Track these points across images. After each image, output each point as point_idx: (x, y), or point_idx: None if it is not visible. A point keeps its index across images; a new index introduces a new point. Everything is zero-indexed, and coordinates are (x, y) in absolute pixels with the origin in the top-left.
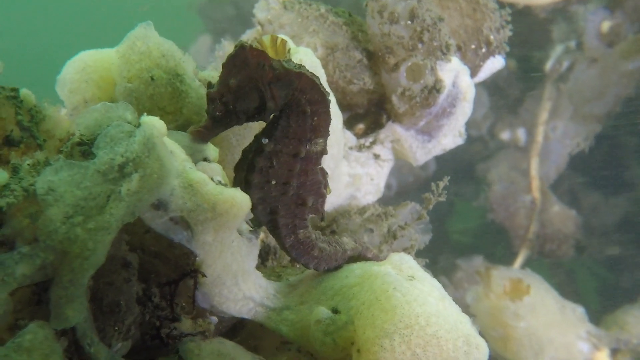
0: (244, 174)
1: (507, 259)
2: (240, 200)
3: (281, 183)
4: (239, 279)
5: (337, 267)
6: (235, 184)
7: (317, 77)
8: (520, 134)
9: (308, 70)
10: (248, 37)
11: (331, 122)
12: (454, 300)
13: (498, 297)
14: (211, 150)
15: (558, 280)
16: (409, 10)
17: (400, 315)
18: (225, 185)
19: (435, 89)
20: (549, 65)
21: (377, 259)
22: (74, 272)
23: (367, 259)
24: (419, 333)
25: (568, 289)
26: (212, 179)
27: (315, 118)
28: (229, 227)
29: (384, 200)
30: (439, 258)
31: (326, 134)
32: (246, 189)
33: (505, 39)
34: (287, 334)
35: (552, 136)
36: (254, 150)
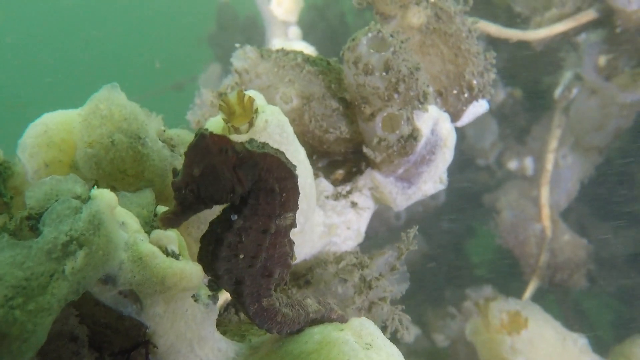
0: (211, 247)
1: (517, 289)
2: (189, 272)
3: (249, 257)
4: (194, 346)
5: (300, 330)
6: (201, 254)
7: (282, 153)
8: (528, 162)
9: (272, 148)
10: (226, 85)
11: (300, 177)
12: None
13: (495, 330)
14: None
15: (569, 310)
16: (384, 62)
17: None
18: (178, 255)
19: (412, 137)
20: (557, 92)
21: (342, 319)
22: (13, 355)
23: (331, 321)
24: None
25: (579, 319)
26: (165, 249)
27: (284, 194)
28: (180, 298)
29: (393, 229)
30: (447, 288)
31: (295, 207)
32: (212, 261)
33: (489, 83)
34: None
35: (562, 164)
36: (221, 225)
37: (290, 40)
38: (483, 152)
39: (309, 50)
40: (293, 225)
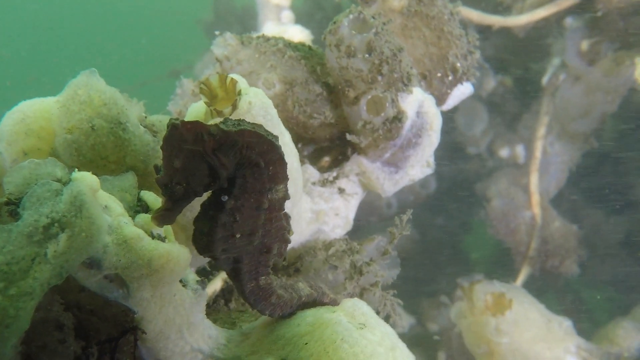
0: (205, 229)
1: (509, 276)
2: (177, 255)
3: (246, 235)
4: (184, 332)
5: (292, 314)
6: (195, 237)
7: (260, 126)
8: (520, 150)
9: (249, 124)
10: (208, 74)
11: (287, 177)
12: None
13: (480, 312)
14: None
15: (561, 295)
16: (366, 44)
17: None
18: (164, 238)
19: (397, 119)
20: (545, 79)
21: (334, 303)
22: None
23: (323, 304)
24: None
25: (571, 304)
26: (151, 233)
27: (271, 167)
28: (168, 282)
29: (384, 218)
30: (441, 277)
31: (285, 178)
32: (209, 243)
33: (473, 65)
34: None
35: (550, 151)
36: (213, 207)
37: (283, 24)
38: (474, 140)
39: (303, 33)
40: (286, 197)
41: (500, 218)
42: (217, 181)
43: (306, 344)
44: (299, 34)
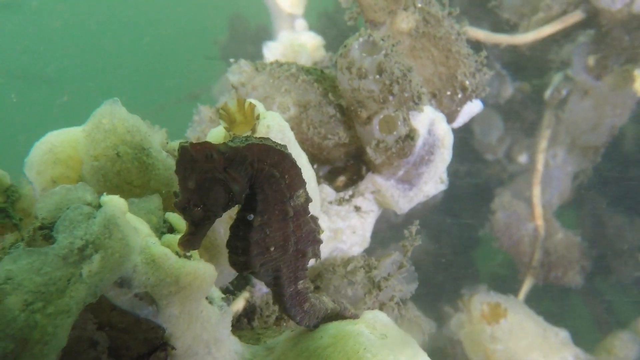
0: (239, 250)
1: (512, 288)
2: (203, 272)
3: (280, 246)
4: (211, 348)
5: (316, 325)
6: (232, 259)
7: (268, 139)
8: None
9: (256, 138)
10: (224, 101)
11: (304, 181)
12: None
13: (477, 321)
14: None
15: (564, 307)
16: (377, 65)
17: None
18: (190, 257)
19: (410, 137)
20: (547, 93)
21: (355, 317)
22: (35, 359)
23: (345, 318)
24: None
25: (573, 315)
26: (176, 253)
27: (287, 176)
28: (195, 299)
29: (393, 226)
30: (445, 288)
31: (303, 183)
32: (246, 261)
33: (482, 83)
34: None
35: (552, 164)
36: (242, 228)
37: (297, 32)
38: (490, 147)
39: (316, 39)
40: (308, 200)
41: (504, 230)
42: (234, 199)
43: (329, 355)
44: (312, 40)
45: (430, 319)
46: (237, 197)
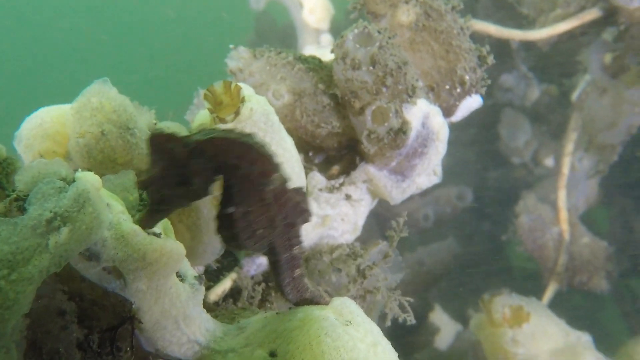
0: (230, 235)
1: (536, 292)
2: (170, 249)
3: (266, 227)
4: (180, 324)
5: (297, 304)
6: (225, 241)
7: (231, 131)
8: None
9: (220, 131)
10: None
11: (287, 166)
12: None
13: (498, 324)
14: None
15: (588, 311)
16: (370, 56)
17: None
18: (159, 235)
19: (402, 130)
20: (575, 94)
21: (327, 304)
22: None
23: (319, 304)
24: None
25: (597, 320)
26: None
27: (255, 165)
28: (163, 275)
29: (422, 231)
30: (468, 290)
31: (275, 167)
32: (239, 244)
33: (482, 78)
34: None
35: (578, 167)
36: (225, 220)
37: (322, 47)
38: (517, 151)
39: None
40: (285, 180)
41: (528, 234)
42: (199, 191)
43: (295, 337)
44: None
45: (457, 322)
46: (203, 189)
